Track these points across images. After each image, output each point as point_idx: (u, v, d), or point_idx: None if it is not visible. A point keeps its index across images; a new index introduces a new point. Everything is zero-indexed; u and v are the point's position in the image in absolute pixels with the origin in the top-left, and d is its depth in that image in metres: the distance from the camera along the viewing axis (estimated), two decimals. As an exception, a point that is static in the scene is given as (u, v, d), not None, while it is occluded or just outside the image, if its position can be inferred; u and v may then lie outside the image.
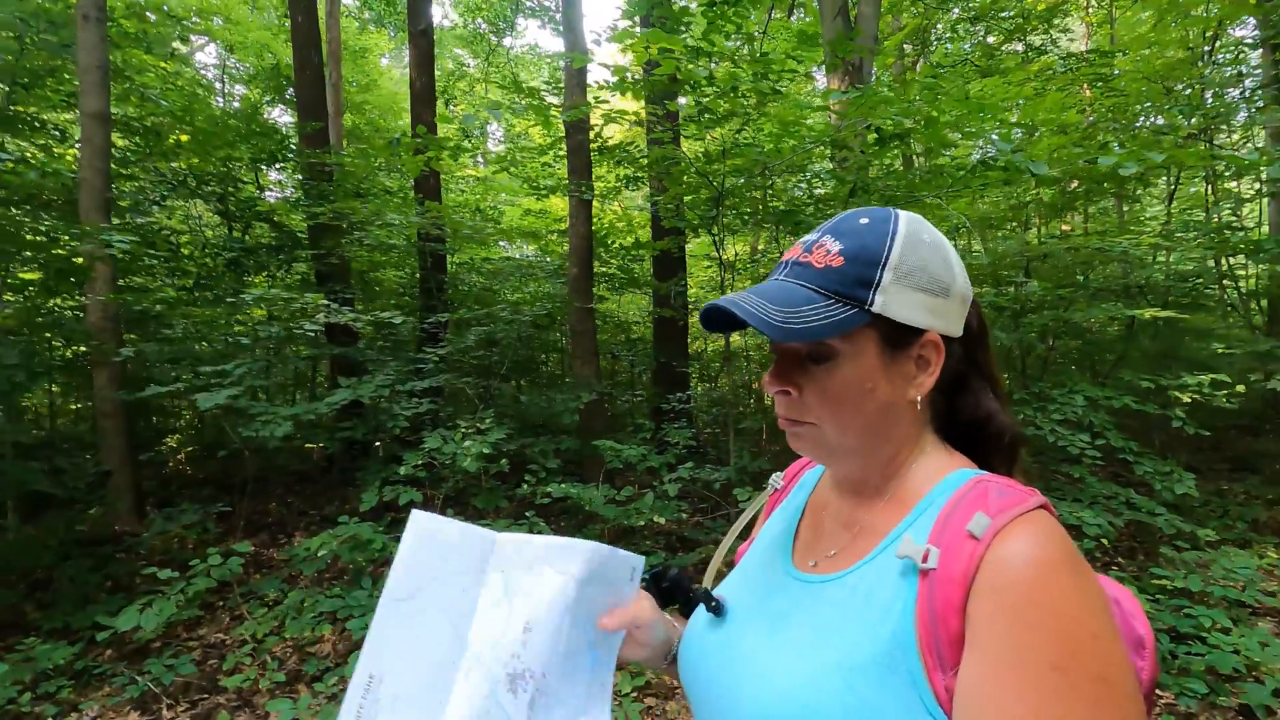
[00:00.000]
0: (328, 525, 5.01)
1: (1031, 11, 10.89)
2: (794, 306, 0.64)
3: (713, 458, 5.66)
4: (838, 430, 0.67)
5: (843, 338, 0.65)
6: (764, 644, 0.68)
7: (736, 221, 5.64)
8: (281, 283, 7.71)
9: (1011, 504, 0.58)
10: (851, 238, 0.66)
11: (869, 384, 0.65)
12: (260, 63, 13.86)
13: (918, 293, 0.65)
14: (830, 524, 0.74)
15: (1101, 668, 0.52)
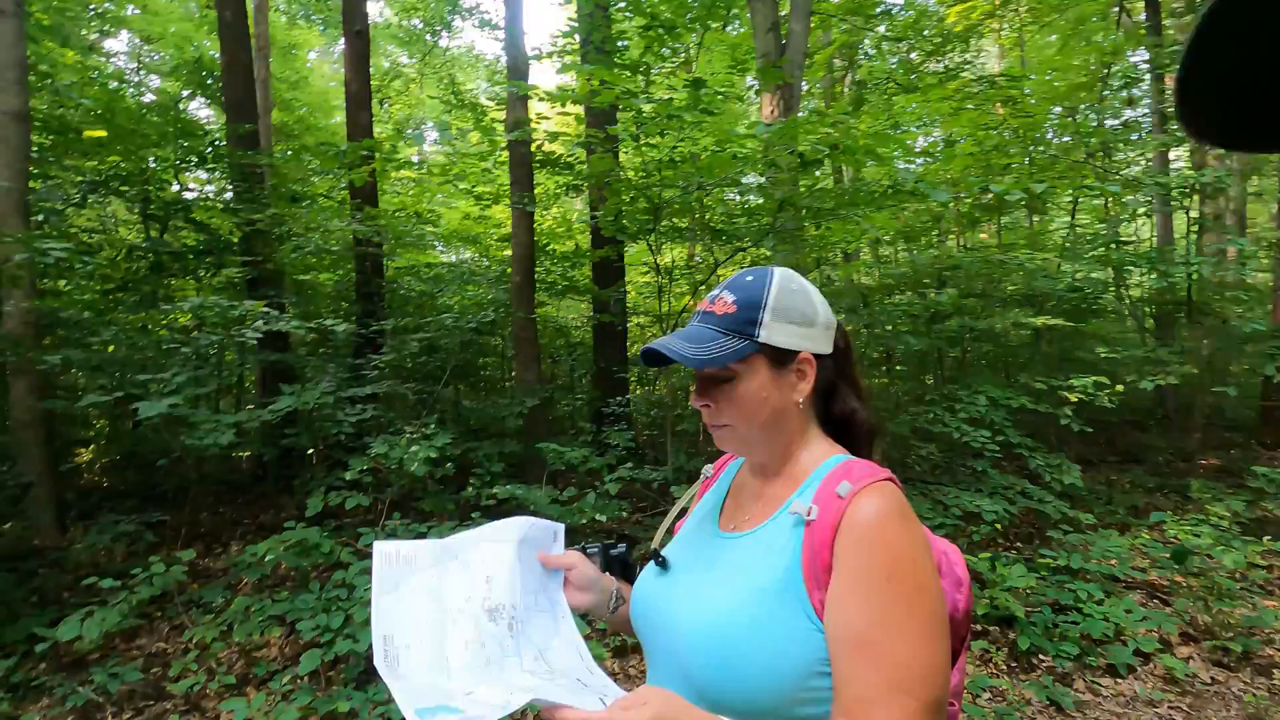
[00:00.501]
0: (265, 534, 4.98)
1: (950, 32, 11.64)
2: (703, 343, 0.91)
3: (651, 458, 5.89)
4: (746, 428, 0.94)
5: (740, 362, 0.91)
6: (697, 582, 0.93)
7: (673, 232, 5.89)
8: (209, 288, 7.50)
9: (867, 476, 0.85)
10: (741, 291, 0.94)
11: (764, 393, 0.92)
12: (181, 55, 13.30)
13: (790, 325, 0.92)
14: (746, 498, 1.01)
15: (919, 581, 0.79)
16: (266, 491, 6.49)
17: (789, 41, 7.37)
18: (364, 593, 3.00)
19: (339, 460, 5.18)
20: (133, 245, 6.34)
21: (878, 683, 0.75)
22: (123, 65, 13.16)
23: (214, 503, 6.20)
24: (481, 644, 0.87)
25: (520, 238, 5.44)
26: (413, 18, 14.97)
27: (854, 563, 0.80)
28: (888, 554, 0.79)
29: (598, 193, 5.79)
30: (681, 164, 4.55)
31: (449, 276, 7.37)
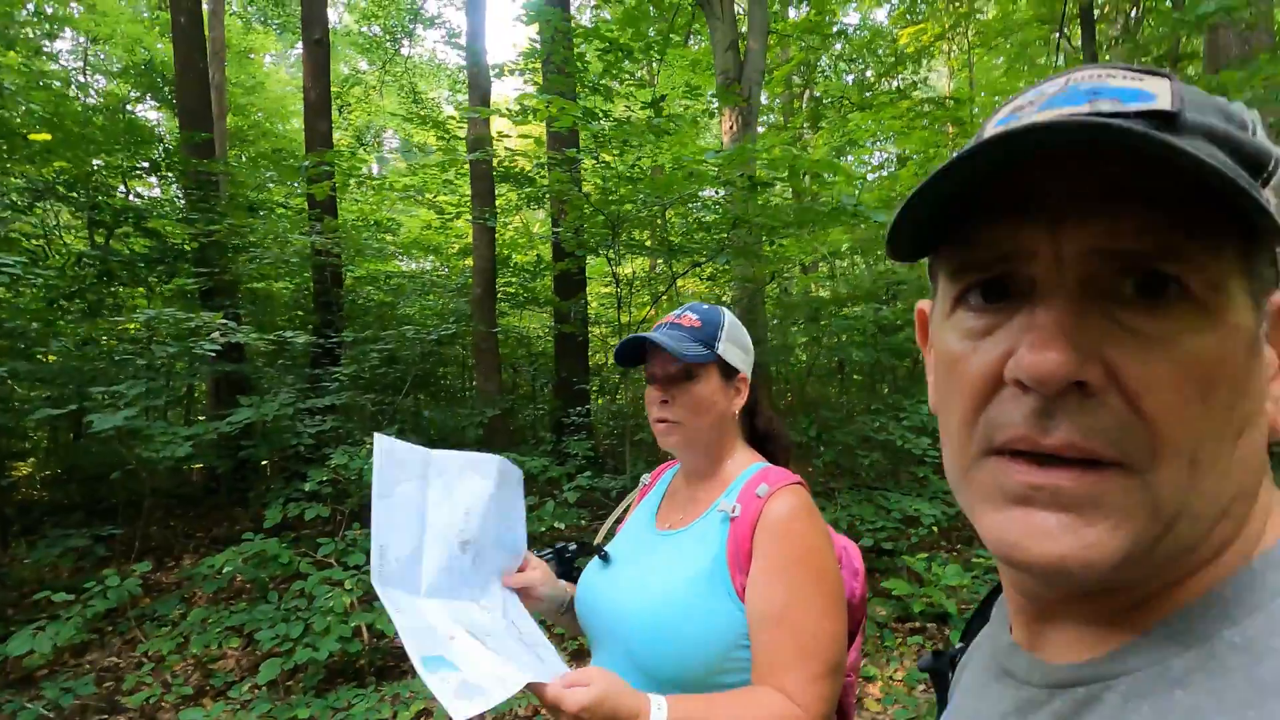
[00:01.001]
0: (219, 547, 4.92)
1: (903, 53, 12.11)
2: (681, 343, 1.07)
3: (611, 467, 5.99)
4: (693, 426, 1.10)
5: (700, 366, 1.09)
6: (638, 573, 1.09)
7: (633, 244, 6.04)
8: (160, 297, 7.35)
9: (781, 480, 1.03)
10: (703, 314, 1.13)
11: (714, 398, 1.10)
12: (131, 57, 12.97)
13: (737, 348, 1.13)
14: (679, 501, 1.17)
15: (822, 567, 0.97)
16: (219, 504, 6.39)
17: (747, 59, 7.63)
18: (323, 602, 3.04)
19: (296, 472, 5.16)
20: (81, 253, 6.20)
21: (789, 649, 0.92)
22: (67, 64, 12.74)
23: (164, 516, 6.08)
24: (449, 570, 1.01)
25: (481, 251, 5.51)
26: (373, 24, 14.87)
27: (770, 551, 0.96)
28: (798, 544, 0.96)
29: (559, 206, 5.91)
30: (640, 181, 4.70)
31: (410, 287, 7.37)
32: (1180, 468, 0.32)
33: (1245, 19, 6.52)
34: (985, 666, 0.46)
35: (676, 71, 13.69)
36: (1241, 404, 0.33)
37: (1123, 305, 0.32)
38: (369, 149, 19.03)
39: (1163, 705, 0.32)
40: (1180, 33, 7.73)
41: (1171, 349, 0.32)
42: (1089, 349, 0.32)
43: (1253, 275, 0.33)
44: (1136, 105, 0.33)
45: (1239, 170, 0.31)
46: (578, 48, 4.69)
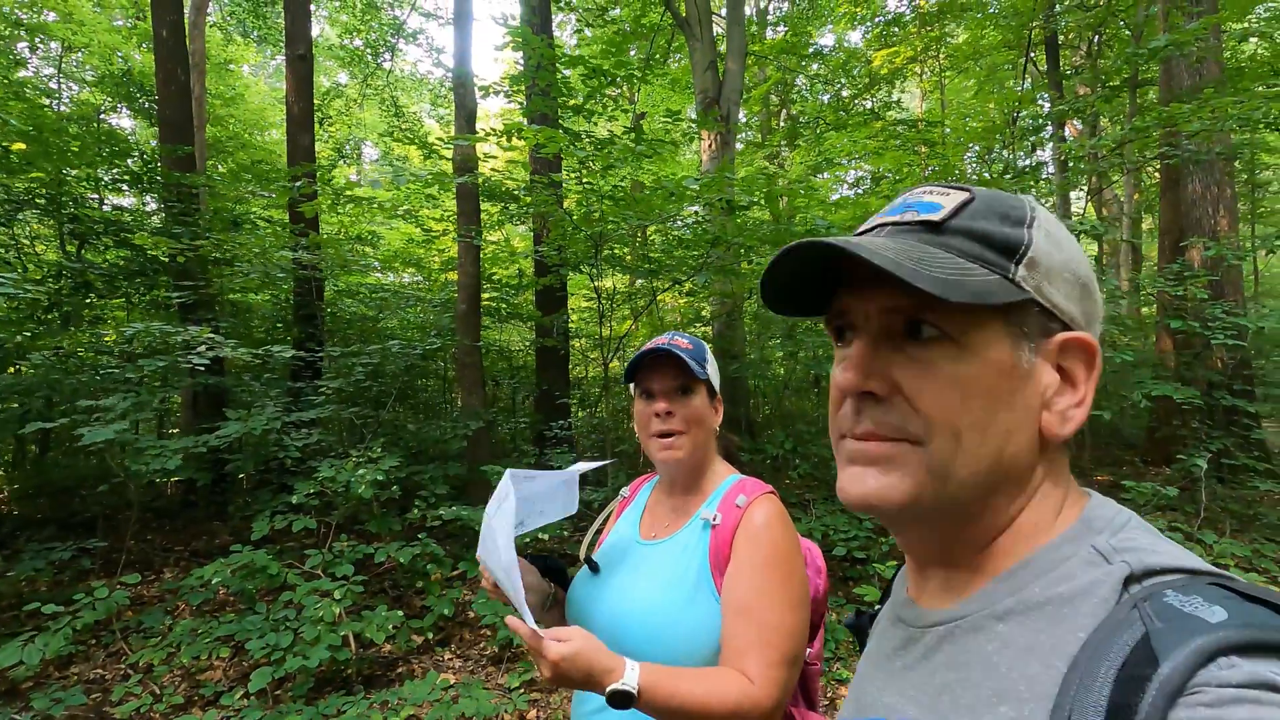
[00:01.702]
0: (199, 560, 4.93)
1: (877, 75, 12.46)
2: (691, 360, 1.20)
3: (592, 479, 6.09)
4: (694, 437, 1.22)
5: (699, 381, 1.22)
6: (626, 581, 1.20)
7: (614, 260, 6.18)
8: (139, 309, 7.32)
9: (757, 491, 1.16)
10: (692, 341, 1.26)
11: (706, 412, 1.24)
12: (108, 66, 12.87)
13: (715, 372, 1.27)
14: (661, 513, 1.29)
15: (790, 568, 1.09)
16: (197, 517, 6.37)
17: (726, 79, 7.86)
18: (312, 612, 3.10)
19: (280, 484, 5.19)
20: (61, 264, 6.18)
21: (752, 637, 1.03)
22: (38, 71, 12.60)
23: (141, 530, 6.04)
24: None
25: (467, 268, 5.61)
26: (355, 38, 14.93)
27: (745, 552, 1.09)
28: (770, 547, 1.09)
29: (542, 223, 6.03)
30: (621, 200, 4.85)
31: (394, 301, 7.42)
32: (947, 441, 0.48)
33: (1195, 52, 6.89)
34: (887, 616, 0.63)
35: (657, 90, 13.97)
36: (998, 410, 0.49)
37: (906, 342, 0.50)
38: (349, 161, 19.01)
39: (990, 634, 0.48)
40: (1137, 63, 8.12)
41: (934, 369, 0.49)
42: (876, 371, 0.50)
43: (1011, 323, 0.49)
44: (924, 215, 0.51)
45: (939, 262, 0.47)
46: (560, 72, 4.85)
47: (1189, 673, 0.36)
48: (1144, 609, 0.41)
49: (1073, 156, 8.55)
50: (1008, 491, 0.51)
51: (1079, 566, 0.47)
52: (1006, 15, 10.60)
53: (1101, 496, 0.54)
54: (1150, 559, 0.45)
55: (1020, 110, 10.67)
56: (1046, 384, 0.50)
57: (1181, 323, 5.25)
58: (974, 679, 0.47)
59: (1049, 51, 11.06)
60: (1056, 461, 0.52)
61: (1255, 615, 0.38)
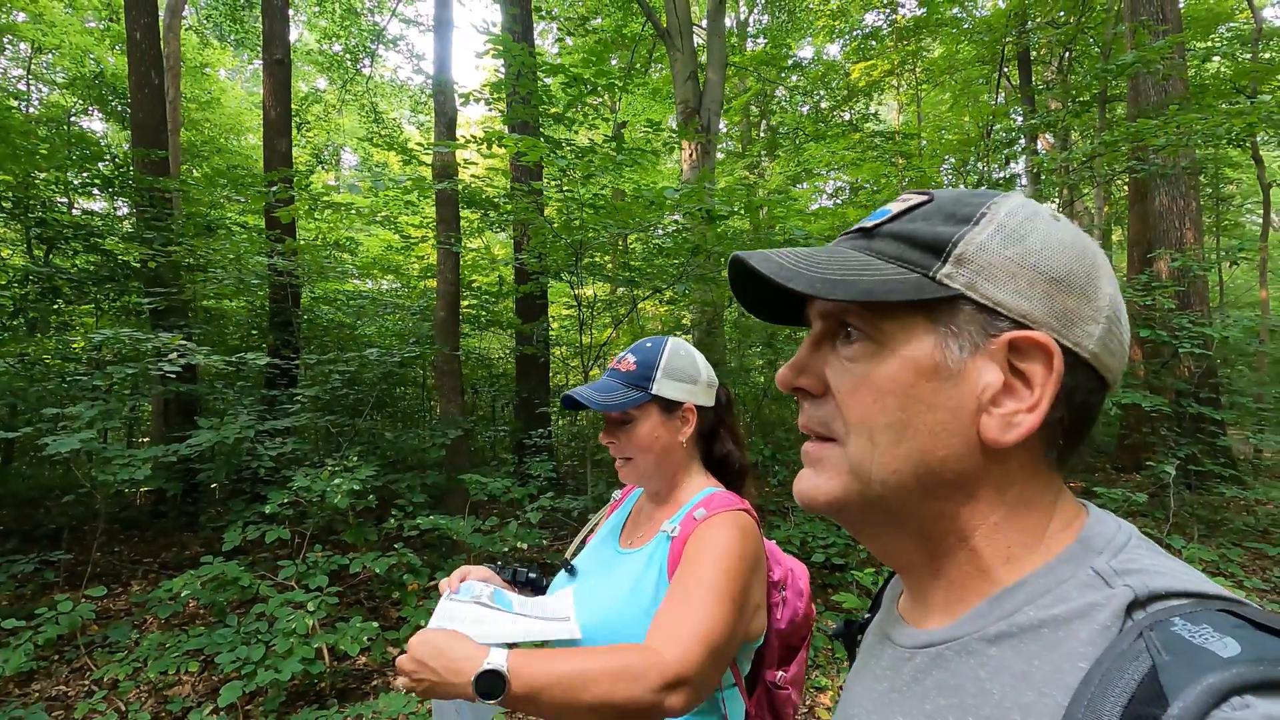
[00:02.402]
0: (169, 572, 4.82)
1: (855, 87, 12.64)
2: (609, 393, 1.20)
3: (572, 488, 6.07)
4: (641, 461, 1.22)
5: (636, 409, 1.20)
6: (596, 587, 1.20)
7: (595, 268, 6.18)
8: (110, 316, 7.17)
9: (724, 506, 1.14)
10: (641, 354, 1.24)
11: (655, 434, 1.21)
12: (79, 69, 12.65)
13: (677, 381, 1.23)
14: (641, 521, 1.29)
15: (732, 570, 1.05)
16: (167, 528, 6.22)
17: (706, 89, 7.93)
18: (285, 624, 3.04)
19: (254, 494, 5.09)
20: (29, 269, 6.03)
21: (672, 615, 1.01)
22: (5, 71, 12.34)
23: (108, 541, 5.89)
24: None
25: (446, 275, 5.57)
26: (334, 43, 14.83)
27: (690, 550, 1.09)
28: (715, 547, 1.07)
29: (522, 230, 6.02)
30: (602, 208, 4.86)
31: (372, 308, 7.35)
32: (863, 441, 0.49)
33: (1161, 70, 7.09)
34: (876, 633, 0.61)
35: (638, 99, 14.05)
36: (918, 409, 0.48)
37: (840, 344, 0.52)
38: (328, 167, 18.83)
39: (981, 658, 0.46)
40: (1106, 79, 8.33)
41: (853, 367, 0.50)
42: (811, 369, 0.53)
43: (938, 322, 0.48)
44: (867, 223, 0.53)
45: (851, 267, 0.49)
46: (542, 81, 4.86)
47: (1201, 714, 0.34)
48: (1150, 639, 0.39)
49: (1045, 169, 8.73)
50: (951, 497, 0.48)
51: (1076, 589, 0.45)
52: (980, 31, 10.82)
53: (1101, 511, 0.51)
54: (1155, 582, 0.43)
55: (994, 124, 10.87)
56: (985, 384, 0.47)
57: (1150, 332, 5.37)
58: (965, 705, 0.45)
59: (1022, 67, 11.32)
60: (1028, 473, 0.49)
61: (1269, 648, 0.36)
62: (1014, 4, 10.09)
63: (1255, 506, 5.95)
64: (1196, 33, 10.24)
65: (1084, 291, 0.48)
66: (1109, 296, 0.49)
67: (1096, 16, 10.10)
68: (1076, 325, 0.47)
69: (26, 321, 6.47)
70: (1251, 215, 17.16)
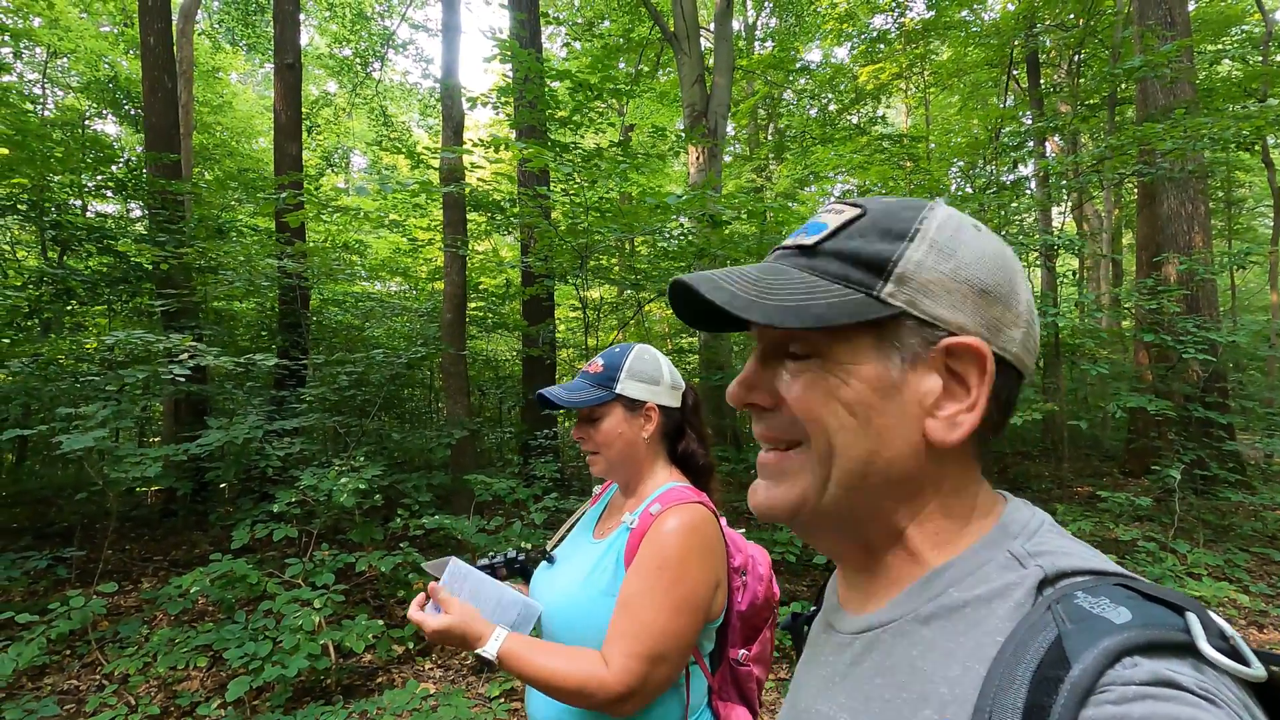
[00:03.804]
0: (179, 569, 4.88)
1: (863, 90, 12.63)
2: (576, 392, 1.29)
3: (577, 489, 6.09)
4: (607, 455, 1.30)
5: (601, 406, 1.29)
6: (564, 574, 1.30)
7: (601, 270, 6.22)
8: (122, 317, 7.27)
9: (679, 499, 1.20)
10: (608, 357, 1.33)
11: (619, 431, 1.29)
12: (94, 73, 12.81)
13: (640, 382, 1.31)
14: (612, 512, 1.36)
15: (681, 574, 1.12)
16: (177, 526, 6.30)
17: (713, 93, 7.95)
18: (292, 621, 3.08)
19: (262, 493, 5.16)
20: (43, 271, 6.13)
21: (621, 627, 1.11)
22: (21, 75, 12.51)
23: (119, 539, 5.97)
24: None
25: (453, 277, 5.62)
26: (344, 48, 14.96)
27: (642, 554, 1.15)
28: (664, 552, 1.13)
29: (529, 233, 6.07)
30: (608, 212, 4.89)
31: (380, 310, 7.41)
32: (822, 442, 0.51)
33: (1169, 74, 7.06)
34: (820, 622, 0.65)
35: (645, 103, 14.09)
36: (869, 416, 0.51)
37: (786, 359, 0.54)
38: (337, 170, 18.96)
39: (915, 639, 0.50)
40: (1115, 82, 8.30)
41: (803, 381, 0.52)
42: (760, 385, 0.55)
43: (882, 337, 0.51)
44: (801, 239, 0.54)
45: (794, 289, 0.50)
46: (548, 85, 4.90)
47: (1097, 673, 0.38)
48: (1056, 611, 0.43)
49: (1053, 172, 8.71)
50: (896, 496, 0.52)
51: (995, 570, 0.49)
52: (989, 34, 10.80)
53: (1018, 500, 0.56)
54: (1062, 561, 0.47)
55: (1003, 126, 10.84)
56: (926, 391, 0.51)
57: (1155, 336, 5.35)
58: (899, 682, 0.49)
59: (1030, 70, 11.28)
60: (959, 466, 0.53)
61: (1155, 615, 0.41)
62: (1023, 7, 10.08)
63: (1263, 511, 5.91)
64: (1206, 35, 10.18)
65: (1007, 300, 0.52)
66: (1026, 302, 0.53)
67: (1105, 19, 10.07)
68: (1002, 331, 0.52)
69: (41, 322, 6.57)
70: (1264, 219, 17.03)
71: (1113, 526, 4.61)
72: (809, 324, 0.48)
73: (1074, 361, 8.06)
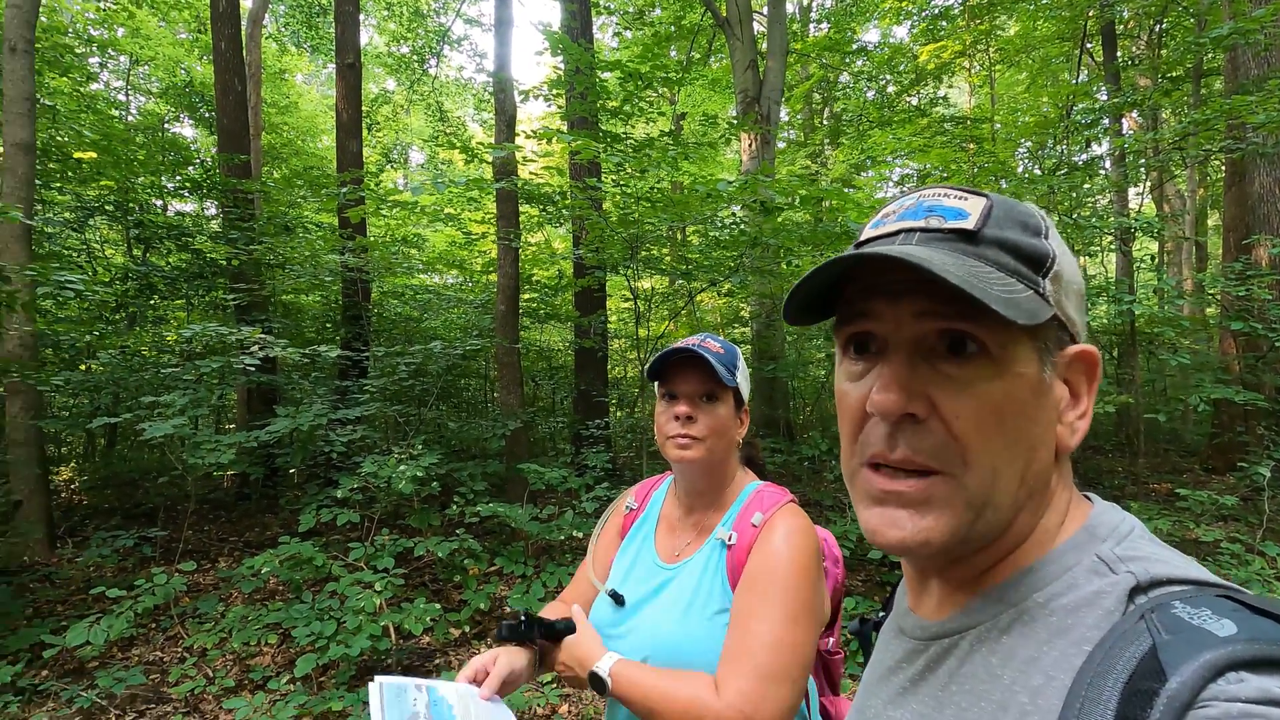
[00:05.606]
0: (252, 550, 5.15)
1: (923, 70, 12.19)
2: (720, 364, 1.14)
3: (629, 479, 6.13)
4: (714, 445, 1.16)
5: (725, 389, 1.17)
6: (653, 609, 1.15)
7: (652, 261, 6.22)
8: (199, 311, 7.67)
9: (774, 503, 1.13)
10: (724, 345, 1.21)
11: (730, 422, 1.19)
12: (171, 78, 13.50)
13: (745, 381, 1.22)
14: (681, 529, 1.23)
15: (796, 583, 1.04)
16: (250, 510, 6.64)
17: (766, 78, 7.80)
18: (354, 602, 3.21)
19: (327, 479, 5.38)
20: (128, 268, 6.53)
21: (736, 646, 1.01)
22: (108, 83, 13.28)
23: (198, 520, 6.33)
24: None
25: (506, 269, 5.71)
26: (402, 45, 15.33)
27: (754, 567, 1.07)
28: (778, 563, 1.05)
29: (580, 225, 6.11)
30: (658, 202, 4.88)
31: (437, 303, 7.61)
32: (984, 472, 0.46)
33: (1262, 40, 6.56)
34: (889, 627, 0.62)
35: (697, 90, 13.95)
36: (1029, 428, 0.47)
37: (942, 358, 0.47)
38: (396, 166, 19.50)
39: (994, 646, 0.47)
40: (1200, 52, 7.76)
41: (973, 388, 0.46)
42: (916, 390, 0.47)
43: (1037, 338, 0.47)
44: (954, 223, 0.49)
45: (990, 279, 0.45)
46: (599, 76, 4.90)
47: (1198, 687, 0.35)
48: (1151, 620, 0.40)
49: (1131, 150, 8.22)
50: (1031, 508, 0.49)
51: (1082, 575, 0.46)
52: (1060, 5, 10.23)
53: (1105, 503, 0.52)
54: (1157, 569, 0.44)
55: (1075, 104, 10.27)
56: (1059, 396, 0.49)
57: (1244, 324, 5.00)
58: (978, 691, 0.47)
59: (1106, 42, 10.63)
60: (1061, 470, 0.51)
61: (1264, 629, 0.38)
62: (1097, -25, 9.52)
63: (1366, 513, 5.47)
64: (1306, -2, 9.39)
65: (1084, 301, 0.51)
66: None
67: (1190, -15, 9.42)
68: (1084, 331, 0.50)
69: (127, 316, 7.01)
70: (1371, 196, 15.65)
71: (1193, 526, 4.35)
72: (1022, 319, 0.43)
73: (1151, 351, 7.62)
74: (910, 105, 12.40)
